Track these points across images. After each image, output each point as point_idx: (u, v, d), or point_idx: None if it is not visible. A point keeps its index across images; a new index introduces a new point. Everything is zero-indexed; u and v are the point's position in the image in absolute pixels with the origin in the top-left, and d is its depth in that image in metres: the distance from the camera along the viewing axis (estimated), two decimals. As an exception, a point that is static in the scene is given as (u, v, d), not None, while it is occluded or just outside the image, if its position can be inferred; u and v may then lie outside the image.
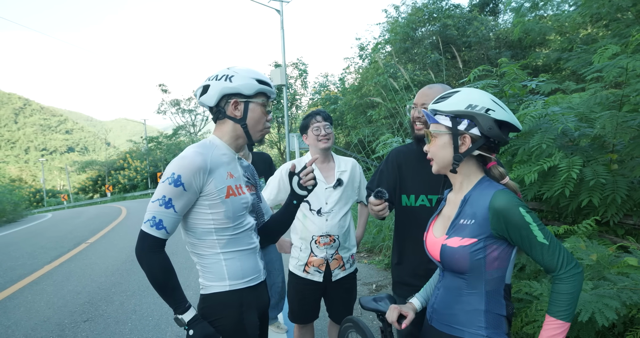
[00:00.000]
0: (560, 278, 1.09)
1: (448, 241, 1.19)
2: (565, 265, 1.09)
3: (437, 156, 1.24)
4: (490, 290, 1.17)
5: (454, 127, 1.19)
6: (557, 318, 1.08)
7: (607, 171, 2.56)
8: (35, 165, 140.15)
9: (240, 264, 1.45)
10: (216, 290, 1.42)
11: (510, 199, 1.12)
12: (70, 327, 3.74)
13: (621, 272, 1.77)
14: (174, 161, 1.36)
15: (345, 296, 2.33)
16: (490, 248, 1.14)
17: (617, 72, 2.55)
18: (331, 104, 14.47)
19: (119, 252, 7.04)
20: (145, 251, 1.30)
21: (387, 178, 1.88)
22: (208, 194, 1.37)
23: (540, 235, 1.09)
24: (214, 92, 1.41)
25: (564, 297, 1.08)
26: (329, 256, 2.22)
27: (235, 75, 1.41)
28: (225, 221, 1.40)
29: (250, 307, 1.46)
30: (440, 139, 1.22)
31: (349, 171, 2.30)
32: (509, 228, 1.11)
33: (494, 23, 12.15)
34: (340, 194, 2.24)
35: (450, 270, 1.22)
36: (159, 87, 32.44)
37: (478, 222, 1.15)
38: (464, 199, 1.22)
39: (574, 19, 6.71)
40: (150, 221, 1.30)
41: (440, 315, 1.26)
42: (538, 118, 2.86)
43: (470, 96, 1.18)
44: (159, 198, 1.31)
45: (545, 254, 1.10)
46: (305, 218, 2.25)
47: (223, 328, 1.40)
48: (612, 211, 2.58)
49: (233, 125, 1.45)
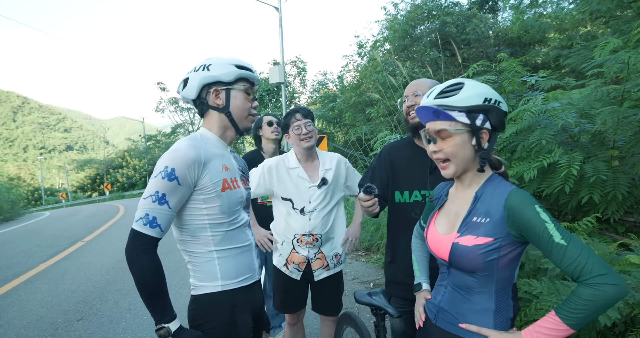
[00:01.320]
0: (584, 283, 0.96)
1: (460, 239, 1.13)
2: (589, 272, 0.95)
3: (458, 156, 1.14)
4: (500, 289, 1.12)
5: (473, 123, 1.11)
6: (558, 317, 0.97)
7: (607, 167, 2.52)
8: (33, 163, 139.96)
9: (234, 263, 1.40)
10: (208, 291, 1.36)
11: (525, 198, 1.06)
12: (63, 326, 3.69)
13: (623, 270, 1.73)
14: (165, 154, 1.29)
15: (330, 293, 2.28)
16: (505, 249, 1.08)
17: (618, 67, 2.50)
18: (330, 102, 14.43)
19: (115, 250, 6.99)
20: (137, 252, 1.21)
21: (380, 174, 1.85)
22: (203, 188, 1.31)
23: (557, 235, 0.99)
24: (193, 84, 1.37)
25: (579, 301, 0.95)
26: (311, 256, 2.17)
27: (213, 63, 1.37)
28: (221, 217, 1.35)
29: (243, 308, 1.40)
30: (460, 137, 1.13)
31: (333, 169, 2.24)
32: (525, 227, 1.03)
33: (493, 21, 12.09)
34: (324, 193, 2.18)
35: (459, 269, 1.16)
36: (158, 86, 32.41)
37: (494, 221, 1.09)
38: (476, 196, 1.16)
39: (574, 16, 6.66)
40: (143, 219, 1.22)
41: (447, 314, 1.20)
42: (538, 114, 2.81)
43: (482, 89, 1.12)
44: (151, 194, 1.23)
45: (564, 257, 0.98)
46: (289, 216, 2.20)
47: (214, 330, 1.34)
48: (612, 208, 2.54)
49: (218, 115, 1.40)
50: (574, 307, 0.95)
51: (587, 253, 0.97)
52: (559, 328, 0.96)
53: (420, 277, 1.45)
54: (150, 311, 1.23)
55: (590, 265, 0.95)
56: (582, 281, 0.96)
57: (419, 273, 1.46)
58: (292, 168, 2.20)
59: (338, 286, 2.32)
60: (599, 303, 0.93)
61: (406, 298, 1.74)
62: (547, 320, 0.99)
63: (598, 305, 0.93)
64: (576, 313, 0.94)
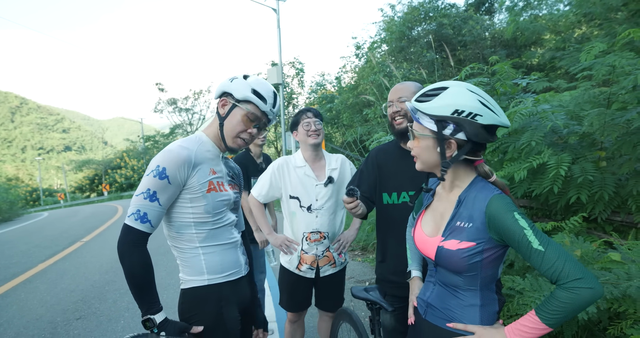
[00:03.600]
0: (562, 287, 1.00)
1: (445, 243, 1.17)
2: (567, 277, 0.99)
3: (421, 157, 1.21)
4: (484, 286, 1.18)
5: (439, 132, 1.12)
6: (537, 316, 1.03)
7: (595, 168, 2.58)
8: (32, 164, 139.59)
9: (220, 258, 1.46)
10: (195, 284, 1.43)
11: (505, 205, 1.09)
12: (62, 324, 3.73)
13: (604, 267, 1.79)
14: (159, 154, 1.36)
15: (334, 289, 2.37)
16: (488, 252, 1.13)
17: (606, 70, 2.57)
18: (327, 103, 14.49)
19: (113, 250, 7.02)
20: (128, 246, 1.28)
21: (367, 177, 1.91)
22: (190, 188, 1.38)
23: (535, 241, 1.03)
24: (217, 88, 1.48)
25: (556, 303, 1.00)
26: (319, 253, 2.23)
27: (237, 78, 1.47)
28: (205, 216, 1.42)
29: (229, 302, 1.47)
30: (424, 141, 1.17)
31: (339, 169, 2.31)
32: (504, 233, 1.08)
33: (489, 22, 12.18)
34: (330, 192, 2.25)
35: (445, 268, 1.21)
36: (156, 86, 32.37)
37: (476, 226, 1.13)
38: (459, 200, 1.19)
39: (568, 18, 6.74)
40: (135, 214, 1.29)
41: (436, 309, 1.26)
42: (528, 116, 2.87)
43: (456, 100, 1.10)
44: (143, 191, 1.31)
45: (542, 262, 1.02)
46: (294, 216, 2.26)
47: (202, 322, 1.40)
48: (599, 208, 2.60)
49: (217, 123, 1.48)
50: (552, 308, 1.00)
51: (564, 258, 1.01)
52: (538, 327, 1.02)
53: (412, 265, 1.52)
54: (137, 302, 1.30)
55: (567, 270, 0.99)
56: (560, 285, 1.01)
57: (411, 261, 1.53)
58: (299, 167, 2.27)
59: (341, 283, 2.40)
60: (575, 305, 0.99)
61: (396, 295, 1.79)
62: (527, 319, 1.05)
63: (574, 307, 0.99)
64: (554, 314, 1.00)
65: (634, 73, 2.34)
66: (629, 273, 1.65)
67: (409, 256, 1.55)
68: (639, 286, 1.54)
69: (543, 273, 1.04)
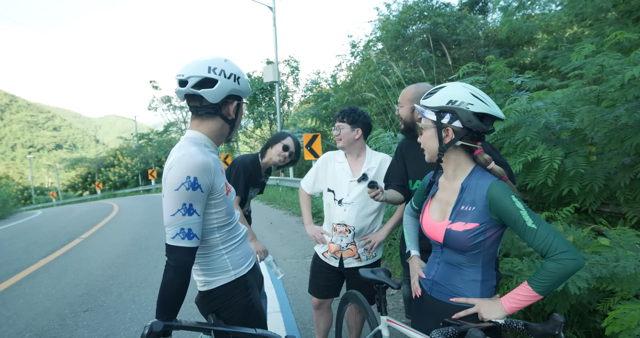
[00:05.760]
0: (550, 259, 1.17)
1: (452, 225, 1.34)
2: (555, 250, 1.15)
3: (426, 147, 1.40)
4: (485, 263, 1.35)
5: (438, 121, 1.32)
6: (529, 286, 1.19)
7: (586, 162, 2.74)
8: (22, 162, 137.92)
9: (240, 251, 1.52)
10: (223, 282, 1.45)
11: (503, 189, 1.26)
12: (71, 316, 3.82)
13: (595, 251, 1.94)
14: (181, 163, 1.28)
15: (360, 282, 2.36)
16: (490, 231, 1.30)
17: (596, 69, 2.72)
18: (323, 101, 14.61)
19: (114, 247, 7.09)
20: (177, 263, 1.24)
21: (398, 169, 2.15)
22: (214, 193, 1.35)
23: (529, 220, 1.19)
24: (222, 91, 1.35)
25: (545, 273, 1.16)
26: (343, 245, 2.32)
27: (241, 77, 1.40)
28: (226, 218, 1.43)
29: (253, 287, 1.57)
30: (428, 131, 1.37)
31: (376, 168, 2.36)
32: (503, 213, 1.24)
33: (483, 22, 12.37)
34: (362, 188, 2.31)
35: (452, 248, 1.37)
36: (150, 84, 32.22)
37: (479, 209, 1.29)
38: (462, 187, 1.35)
39: (560, 18, 6.92)
40: (180, 234, 1.25)
41: (440, 286, 1.43)
42: (523, 113, 3.02)
43: (451, 92, 1.30)
44: (179, 208, 1.25)
45: (535, 238, 1.18)
46: (329, 207, 2.40)
47: (236, 313, 1.45)
48: (590, 200, 2.76)
49: (222, 124, 1.44)
50: (542, 277, 1.17)
51: (553, 234, 1.17)
52: (530, 295, 1.20)
53: (411, 246, 1.71)
54: (157, 308, 1.27)
55: (555, 244, 1.16)
56: (548, 257, 1.17)
57: (409, 242, 1.72)
58: (339, 162, 2.41)
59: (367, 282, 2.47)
60: (561, 274, 1.15)
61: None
62: (520, 288, 1.23)
63: (560, 275, 1.15)
64: (544, 282, 1.17)
65: (621, 72, 2.49)
66: (617, 256, 1.81)
67: (407, 238, 1.73)
68: (625, 267, 1.70)
69: (535, 248, 1.21)
